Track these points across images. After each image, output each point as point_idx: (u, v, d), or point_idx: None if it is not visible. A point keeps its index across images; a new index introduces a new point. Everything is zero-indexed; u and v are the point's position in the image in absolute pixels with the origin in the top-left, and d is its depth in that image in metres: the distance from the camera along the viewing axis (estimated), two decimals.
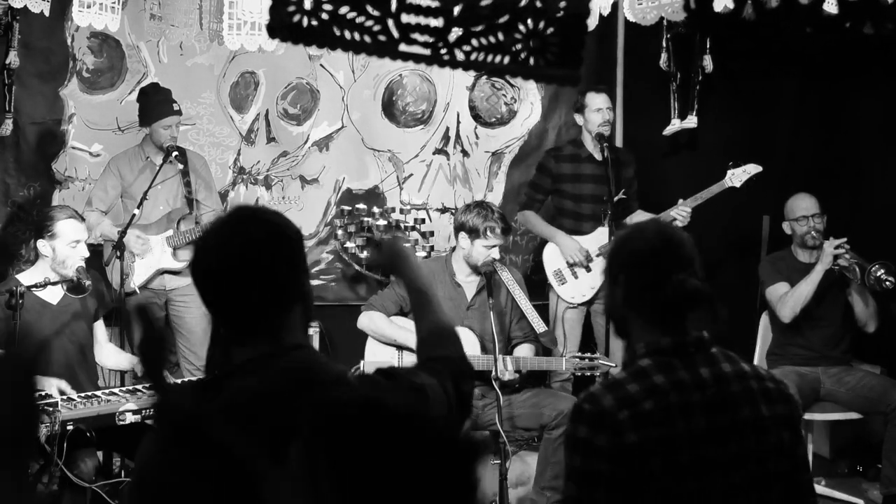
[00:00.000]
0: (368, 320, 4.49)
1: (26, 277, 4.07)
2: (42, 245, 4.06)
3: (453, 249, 4.65)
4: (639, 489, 1.86)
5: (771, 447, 1.96)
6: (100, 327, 4.34)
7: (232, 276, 1.61)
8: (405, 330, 4.45)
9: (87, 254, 4.10)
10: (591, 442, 1.89)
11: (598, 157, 5.27)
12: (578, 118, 5.34)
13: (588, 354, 4.45)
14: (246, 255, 1.62)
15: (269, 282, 1.62)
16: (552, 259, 5.32)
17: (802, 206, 4.85)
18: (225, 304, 1.63)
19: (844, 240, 4.67)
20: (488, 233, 4.41)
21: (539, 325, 4.51)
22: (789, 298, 4.73)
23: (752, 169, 5.15)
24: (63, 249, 4.03)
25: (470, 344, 4.45)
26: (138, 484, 1.65)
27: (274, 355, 1.61)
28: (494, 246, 4.43)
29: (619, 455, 1.86)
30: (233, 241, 1.63)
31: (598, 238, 5.22)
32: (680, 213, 5.13)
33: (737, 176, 5.14)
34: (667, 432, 1.88)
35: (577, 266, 5.25)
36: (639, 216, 5.43)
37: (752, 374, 2.01)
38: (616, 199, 5.12)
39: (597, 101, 5.24)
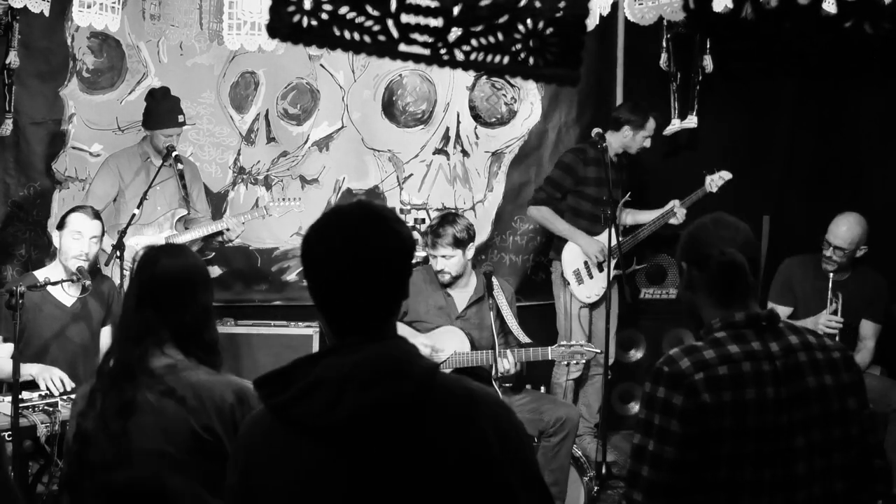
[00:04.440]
0: None
1: (43, 274, 4.13)
2: (55, 237, 4.16)
3: None
4: (708, 448, 2.02)
5: (835, 414, 2.11)
6: (105, 334, 4.34)
7: (384, 267, 1.69)
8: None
9: (87, 249, 4.10)
10: (668, 401, 2.05)
11: (615, 160, 5.43)
12: (627, 131, 5.40)
13: (573, 342, 4.51)
14: (403, 250, 1.72)
15: (402, 277, 1.72)
16: (572, 259, 5.41)
17: (836, 233, 4.76)
18: (360, 295, 1.68)
19: (840, 322, 4.66)
20: (427, 247, 4.52)
21: (523, 338, 4.55)
22: None
23: (726, 175, 5.34)
24: (66, 240, 4.08)
25: (458, 340, 4.47)
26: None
27: (374, 340, 1.68)
28: (436, 257, 4.48)
29: (694, 414, 2.02)
30: (392, 236, 1.71)
31: (605, 240, 5.33)
32: (676, 214, 5.34)
33: (714, 182, 5.33)
34: (738, 397, 2.04)
35: (589, 265, 5.37)
36: (631, 214, 5.56)
37: (818, 346, 2.16)
38: (623, 201, 5.29)
39: (650, 129, 5.42)
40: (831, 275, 4.75)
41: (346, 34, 1.54)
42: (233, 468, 1.73)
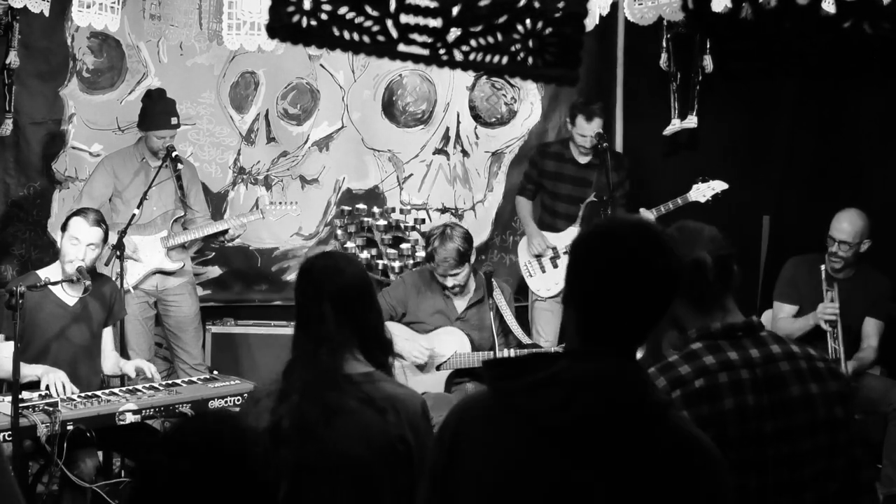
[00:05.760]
0: None
1: (43, 273, 4.13)
2: (58, 237, 4.17)
3: None
4: None
5: (822, 422, 2.07)
6: (107, 334, 4.34)
7: (668, 295, 1.70)
8: (395, 336, 4.47)
9: (82, 255, 4.06)
10: None
11: (580, 160, 5.40)
12: (569, 125, 5.44)
13: (563, 345, 4.52)
14: (676, 278, 1.72)
15: (666, 305, 1.73)
16: (523, 251, 5.55)
17: (839, 227, 4.75)
18: (623, 311, 1.68)
19: (836, 309, 4.63)
20: (438, 270, 4.45)
21: (523, 338, 4.55)
22: (781, 327, 4.72)
23: (718, 186, 5.27)
24: (65, 244, 4.08)
25: (459, 341, 4.47)
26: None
27: (616, 356, 1.67)
28: (447, 276, 4.44)
29: None
30: (670, 263, 1.70)
31: (570, 237, 5.32)
32: None
33: (701, 191, 5.26)
34: (717, 409, 2.01)
35: (542, 260, 5.41)
36: None
37: (802, 355, 2.12)
38: (587, 201, 5.26)
39: (585, 128, 5.30)
40: (822, 267, 4.73)
41: (346, 34, 1.54)
42: (439, 446, 1.72)
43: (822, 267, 4.74)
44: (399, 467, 2.41)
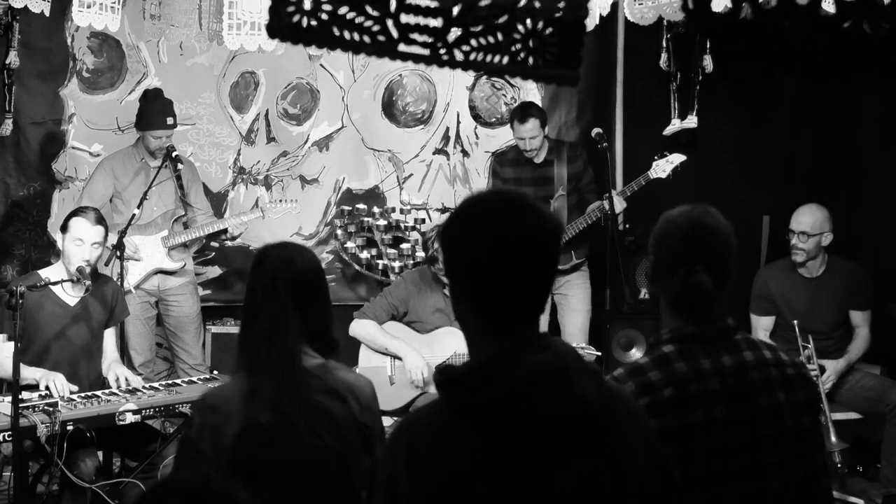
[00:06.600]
0: (360, 328, 4.54)
1: (44, 273, 4.13)
2: (59, 239, 4.17)
3: None
4: None
5: (788, 433, 2.02)
6: (108, 336, 4.34)
7: (554, 254, 1.67)
8: (397, 339, 4.48)
9: (87, 256, 4.07)
10: None
11: (535, 160, 5.38)
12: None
13: (573, 346, 4.53)
14: (560, 232, 1.70)
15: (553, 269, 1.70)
16: None
17: (797, 220, 4.82)
18: (529, 283, 1.64)
19: (815, 369, 4.58)
20: (436, 266, 4.51)
21: None
22: None
23: (677, 158, 5.22)
24: (68, 245, 4.07)
25: (459, 341, 4.48)
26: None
27: (543, 337, 1.67)
28: (441, 270, 4.49)
29: None
30: (555, 222, 1.69)
31: None
32: (606, 208, 5.16)
33: (661, 167, 5.22)
34: (684, 420, 1.95)
35: None
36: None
37: (773, 362, 2.06)
38: (556, 196, 5.23)
39: (520, 130, 5.28)
40: (796, 322, 4.71)
41: (346, 34, 1.54)
42: (415, 481, 1.57)
43: (795, 322, 4.72)
44: (362, 450, 2.48)
